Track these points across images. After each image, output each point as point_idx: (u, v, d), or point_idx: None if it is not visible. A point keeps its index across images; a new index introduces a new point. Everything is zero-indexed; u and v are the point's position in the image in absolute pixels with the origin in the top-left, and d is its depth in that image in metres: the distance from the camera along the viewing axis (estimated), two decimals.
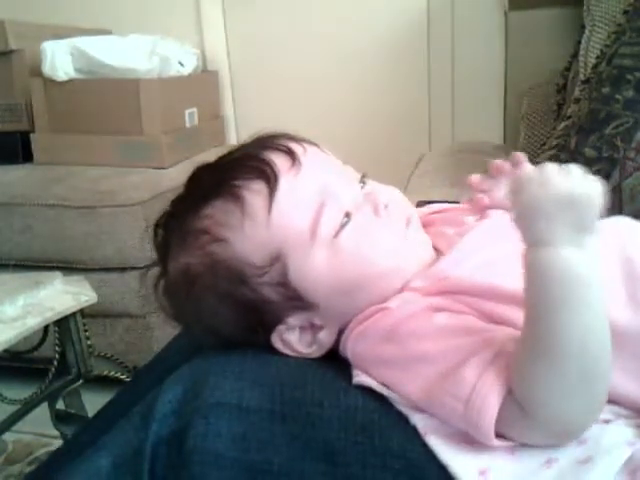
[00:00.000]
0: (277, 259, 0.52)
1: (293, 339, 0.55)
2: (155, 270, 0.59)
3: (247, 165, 0.54)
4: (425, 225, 0.60)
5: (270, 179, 0.52)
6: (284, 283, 0.53)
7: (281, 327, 0.55)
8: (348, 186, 0.56)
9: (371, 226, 0.54)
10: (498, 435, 0.43)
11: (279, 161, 0.53)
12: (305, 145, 0.56)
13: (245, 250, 0.53)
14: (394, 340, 0.49)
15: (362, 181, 0.57)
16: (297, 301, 0.54)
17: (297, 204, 0.53)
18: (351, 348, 0.53)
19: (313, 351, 0.55)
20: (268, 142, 0.55)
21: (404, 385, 0.47)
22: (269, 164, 0.53)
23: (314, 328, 0.55)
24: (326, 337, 0.55)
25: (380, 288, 0.54)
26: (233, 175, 0.54)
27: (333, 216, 0.53)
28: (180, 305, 0.57)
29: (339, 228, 0.53)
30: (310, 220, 0.53)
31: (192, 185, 0.57)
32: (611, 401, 0.46)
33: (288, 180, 0.53)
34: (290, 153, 0.54)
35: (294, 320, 0.55)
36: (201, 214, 0.54)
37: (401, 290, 0.54)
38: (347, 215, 0.54)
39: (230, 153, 0.57)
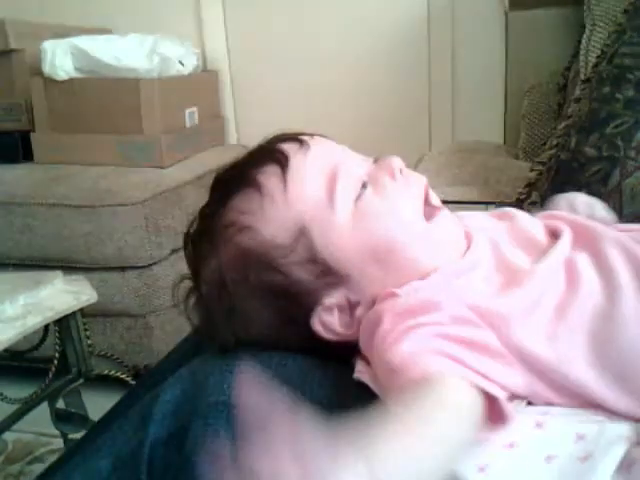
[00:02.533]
0: (301, 234, 0.53)
1: (333, 320, 0.54)
2: (185, 283, 0.58)
3: (259, 156, 0.56)
4: None
5: (281, 160, 0.54)
6: (313, 259, 0.53)
7: (318, 309, 0.54)
8: (360, 160, 0.57)
9: (390, 189, 0.55)
10: None
11: (287, 146, 0.56)
12: (314, 135, 0.58)
13: (269, 232, 0.53)
14: (389, 338, 0.48)
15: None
16: (329, 276, 0.53)
17: (310, 175, 0.54)
18: (360, 336, 0.52)
19: (354, 332, 0.54)
20: (279, 137, 0.58)
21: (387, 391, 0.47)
22: (278, 150, 0.55)
23: (351, 307, 0.54)
24: (364, 314, 0.53)
25: (410, 253, 0.53)
26: (247, 167, 0.56)
27: (349, 182, 0.54)
28: (213, 312, 0.56)
29: (359, 193, 0.54)
30: (325, 188, 0.54)
31: (214, 191, 0.59)
32: (604, 410, 0.46)
33: (298, 158, 0.55)
34: (298, 139, 0.56)
35: (330, 299, 0.54)
36: (225, 210, 0.55)
37: (435, 269, 0.53)
38: (363, 183, 0.54)
39: (245, 154, 0.59)
